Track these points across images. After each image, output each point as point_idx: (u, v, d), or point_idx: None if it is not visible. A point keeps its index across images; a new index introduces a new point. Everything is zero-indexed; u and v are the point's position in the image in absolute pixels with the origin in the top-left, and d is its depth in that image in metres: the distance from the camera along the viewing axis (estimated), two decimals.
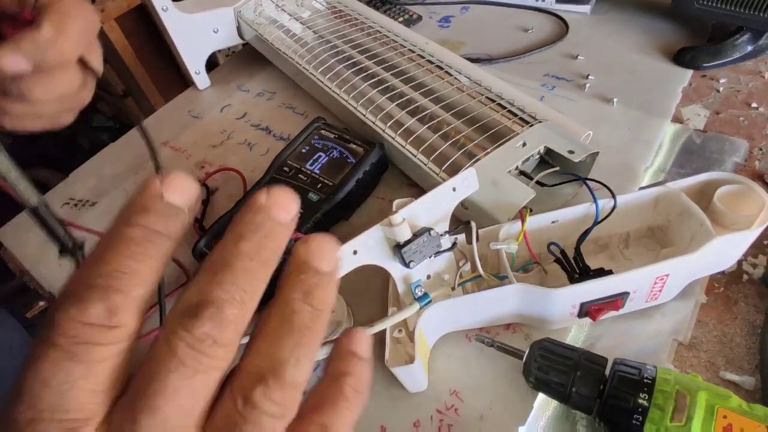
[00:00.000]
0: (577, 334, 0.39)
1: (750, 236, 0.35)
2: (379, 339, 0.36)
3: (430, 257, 0.35)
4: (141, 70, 1.15)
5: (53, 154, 1.20)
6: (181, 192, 0.16)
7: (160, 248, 0.15)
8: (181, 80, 0.69)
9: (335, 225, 0.47)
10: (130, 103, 1.25)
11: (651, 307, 0.38)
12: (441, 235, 0.35)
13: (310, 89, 0.60)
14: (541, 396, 0.35)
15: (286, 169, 0.47)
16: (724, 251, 0.36)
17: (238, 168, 0.52)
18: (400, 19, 0.72)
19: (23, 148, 1.08)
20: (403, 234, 0.32)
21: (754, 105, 0.53)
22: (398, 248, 0.33)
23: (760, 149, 0.49)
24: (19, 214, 0.57)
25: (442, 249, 0.35)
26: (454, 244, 0.36)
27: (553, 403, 0.35)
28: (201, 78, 0.67)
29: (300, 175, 0.47)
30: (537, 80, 0.60)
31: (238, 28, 0.66)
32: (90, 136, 1.32)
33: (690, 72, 0.58)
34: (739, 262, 0.41)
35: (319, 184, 0.46)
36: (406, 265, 0.33)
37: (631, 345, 0.38)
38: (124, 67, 1.12)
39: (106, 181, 0.58)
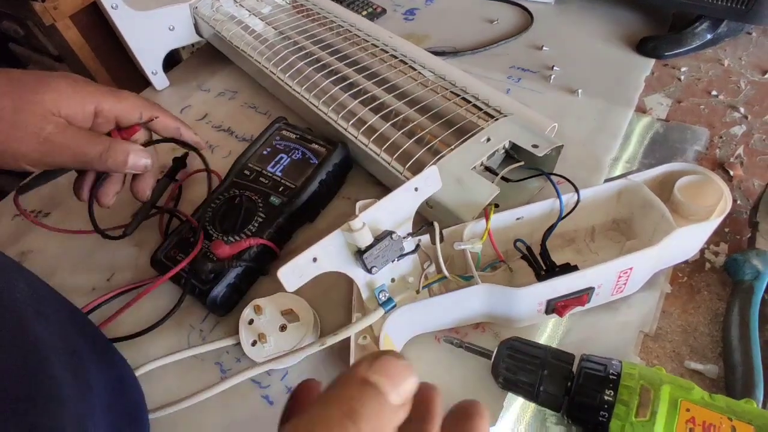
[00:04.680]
0: (545, 330, 0.39)
1: (710, 226, 0.35)
2: (345, 346, 0.35)
3: (393, 261, 0.34)
4: (101, 68, 1.10)
5: None
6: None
7: None
8: (143, 78, 0.66)
9: (299, 228, 0.46)
10: None
11: (618, 299, 0.38)
12: (404, 237, 0.34)
13: (272, 88, 0.59)
14: (510, 395, 0.35)
15: (246, 172, 0.46)
16: (685, 242, 0.37)
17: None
18: (364, 12, 0.70)
19: None
20: (364, 239, 0.32)
21: (714, 93, 0.54)
22: (360, 254, 0.32)
23: (720, 137, 0.50)
24: None
25: (405, 252, 0.34)
26: (418, 246, 0.35)
27: (524, 402, 0.35)
28: (158, 78, 0.64)
29: (261, 179, 0.45)
30: (503, 72, 0.60)
31: (195, 26, 0.63)
32: None
33: (652, 61, 0.58)
34: (702, 251, 0.41)
35: (281, 187, 0.44)
36: (369, 270, 0.32)
37: (600, 338, 0.38)
38: (81, 66, 1.08)
39: (62, 190, 0.55)
